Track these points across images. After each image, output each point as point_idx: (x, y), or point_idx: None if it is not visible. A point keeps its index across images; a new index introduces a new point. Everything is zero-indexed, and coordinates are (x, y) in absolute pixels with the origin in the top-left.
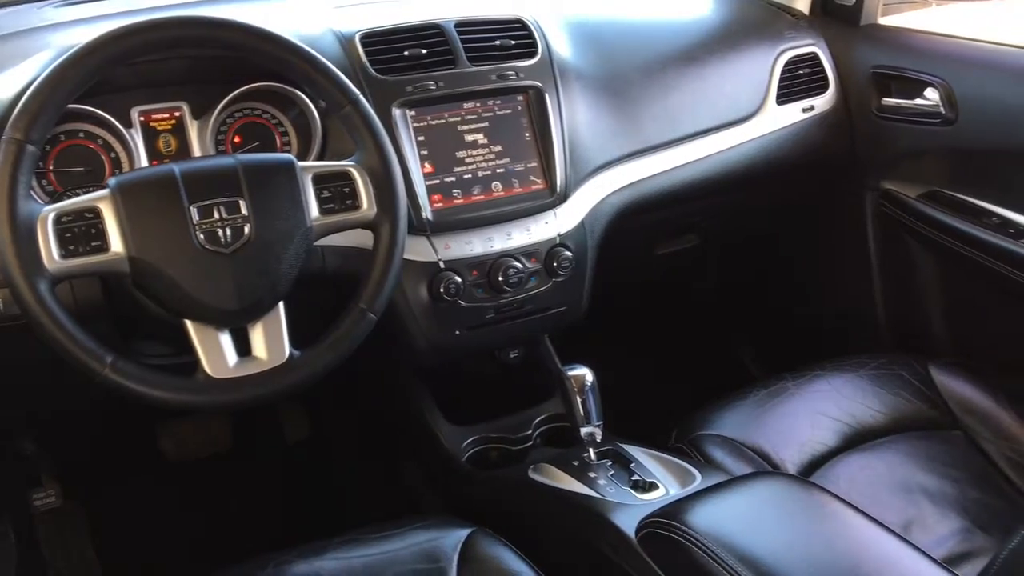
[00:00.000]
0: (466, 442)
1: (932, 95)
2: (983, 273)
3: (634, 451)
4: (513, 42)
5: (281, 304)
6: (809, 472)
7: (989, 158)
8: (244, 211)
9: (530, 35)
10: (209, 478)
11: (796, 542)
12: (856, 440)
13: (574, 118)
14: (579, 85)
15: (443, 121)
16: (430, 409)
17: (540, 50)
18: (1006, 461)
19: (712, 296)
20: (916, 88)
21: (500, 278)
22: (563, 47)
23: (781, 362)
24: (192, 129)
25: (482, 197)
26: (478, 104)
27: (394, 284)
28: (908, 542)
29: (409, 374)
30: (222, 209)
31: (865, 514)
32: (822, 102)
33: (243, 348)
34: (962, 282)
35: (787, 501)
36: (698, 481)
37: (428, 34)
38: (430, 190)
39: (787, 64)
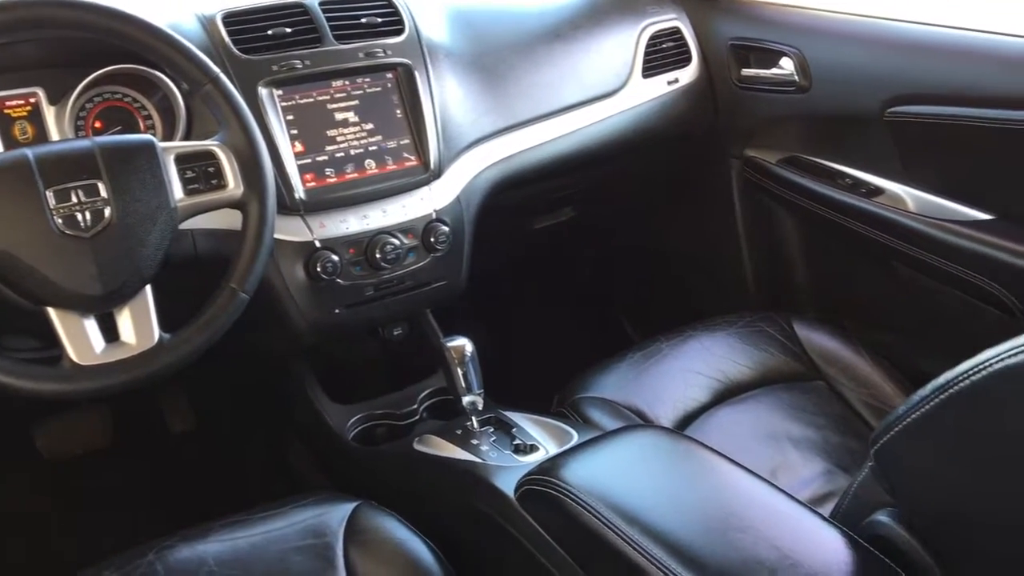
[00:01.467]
0: (351, 420)
1: (787, 64)
2: (840, 231)
3: (516, 417)
4: (380, 20)
5: (148, 288)
6: (683, 426)
7: (841, 122)
8: (104, 194)
9: (396, 13)
10: (90, 474)
11: (665, 488)
12: (726, 395)
13: (445, 95)
14: (448, 62)
15: (312, 100)
16: (314, 389)
17: (407, 27)
18: (863, 406)
19: (592, 266)
20: (772, 58)
21: (378, 255)
22: (431, 25)
23: (659, 326)
24: (49, 115)
25: (356, 175)
26: (347, 82)
27: (265, 262)
28: (774, 485)
29: (292, 356)
30: (80, 193)
31: (733, 461)
32: (686, 75)
33: (111, 334)
34: (821, 241)
35: (657, 451)
36: (575, 440)
37: (292, 12)
38: (302, 169)
39: (651, 39)
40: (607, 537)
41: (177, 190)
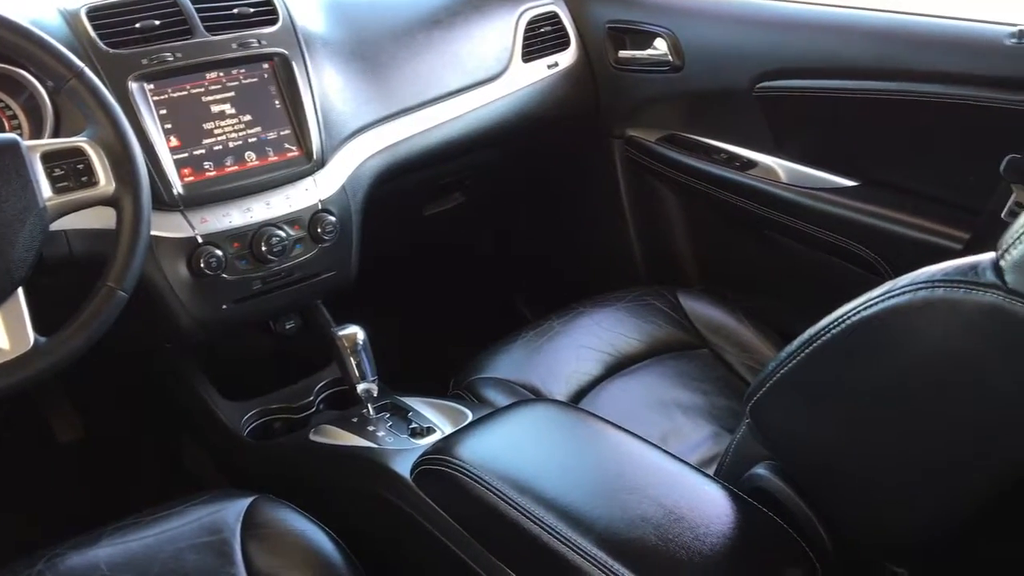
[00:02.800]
0: (246, 417)
1: (661, 45)
2: (718, 205)
3: (412, 401)
4: (252, 10)
5: (20, 290)
6: (577, 400)
7: (714, 99)
8: None
9: (269, 2)
10: None
11: (556, 458)
12: (617, 367)
13: (324, 84)
14: (326, 52)
15: (185, 93)
16: (205, 388)
17: (281, 17)
18: (746, 370)
19: (487, 249)
20: (647, 39)
21: (263, 248)
22: (306, 14)
23: (554, 305)
24: None
25: (236, 168)
26: (221, 74)
27: (142, 259)
28: (661, 449)
29: (180, 354)
30: None
31: (622, 429)
32: (565, 58)
33: None
34: (702, 215)
35: (548, 423)
36: (469, 419)
37: (160, 5)
38: (178, 164)
39: (529, 23)
40: (501, 509)
41: (45, 189)
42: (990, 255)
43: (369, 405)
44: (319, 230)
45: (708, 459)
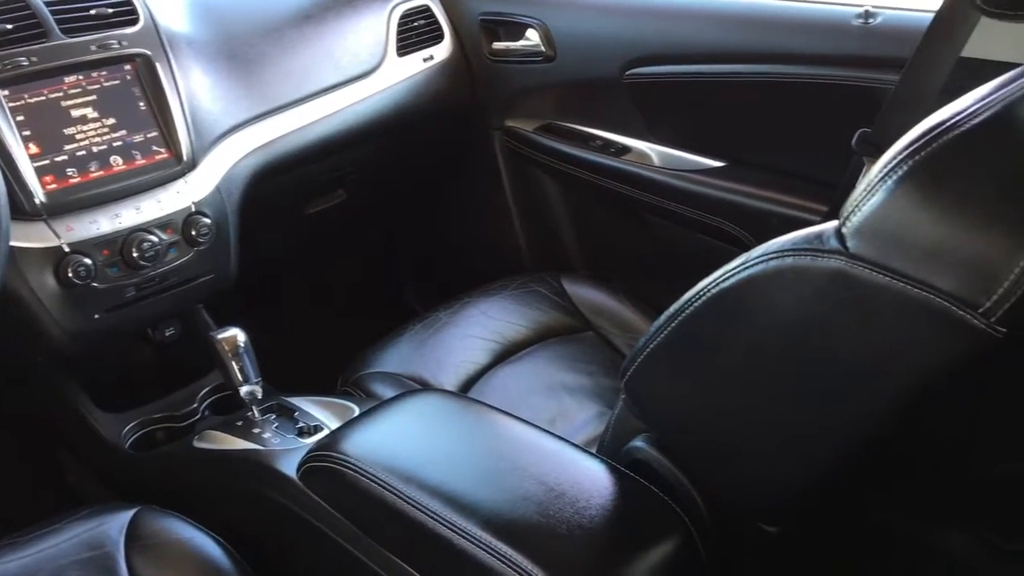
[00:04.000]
0: (127, 428)
1: (533, 36)
2: (597, 191)
3: (298, 401)
4: (111, 11)
5: None
6: (466, 389)
7: (587, 87)
8: None
9: (129, 2)
10: None
11: (441, 445)
12: (504, 354)
13: (191, 84)
14: (192, 51)
15: (43, 98)
16: (81, 400)
17: (142, 17)
18: (630, 349)
19: (375, 245)
20: (519, 31)
21: (135, 254)
22: (169, 14)
23: (443, 297)
24: None
25: (101, 173)
26: (81, 77)
27: (2, 271)
28: (545, 430)
29: (53, 368)
30: None
31: (507, 413)
32: (440, 51)
33: None
34: (582, 201)
35: (433, 412)
36: (355, 414)
37: (11, 8)
38: (39, 171)
39: (402, 17)
40: (386, 499)
41: None
42: (834, 223)
43: (254, 408)
44: (193, 233)
45: (594, 438)
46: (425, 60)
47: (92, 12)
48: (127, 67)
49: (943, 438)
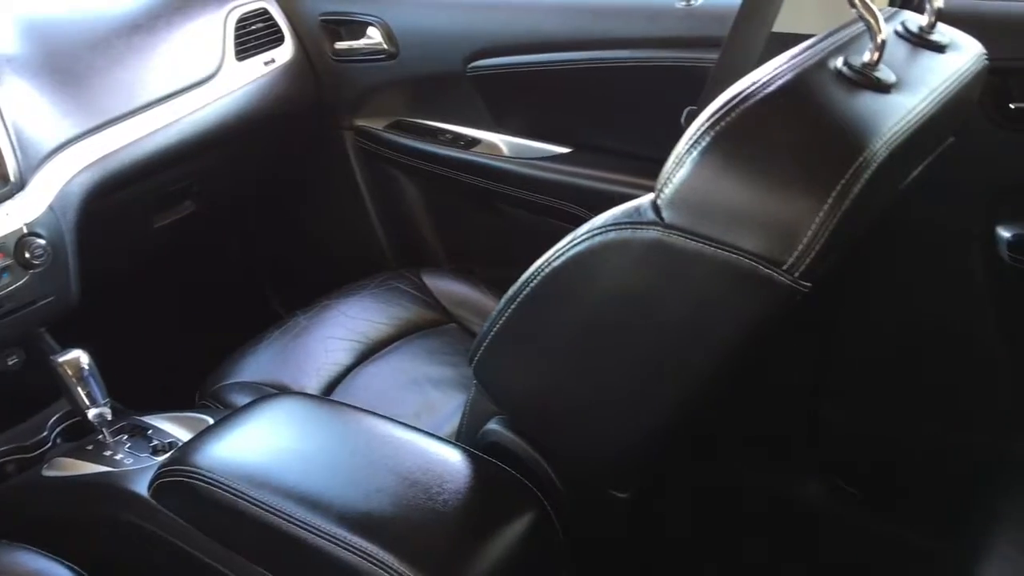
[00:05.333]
0: None
1: (375, 34)
2: (451, 184)
3: (152, 419)
4: None
5: None
6: (329, 392)
7: (432, 82)
8: None
9: None
10: None
11: (295, 448)
12: (368, 353)
13: (13, 103)
14: (12, 68)
15: None
16: None
17: None
18: None
19: (233, 254)
20: (360, 29)
21: None
22: None
23: (309, 301)
24: None
25: None
26: None
27: None
28: (406, 425)
29: None
30: None
31: (367, 411)
32: (281, 54)
33: None
34: (438, 196)
35: (286, 416)
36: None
37: None
38: None
39: (239, 21)
40: (239, 507)
41: None
42: (650, 196)
43: (105, 430)
44: (27, 255)
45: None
46: (266, 63)
47: None
48: None
49: (789, 388)
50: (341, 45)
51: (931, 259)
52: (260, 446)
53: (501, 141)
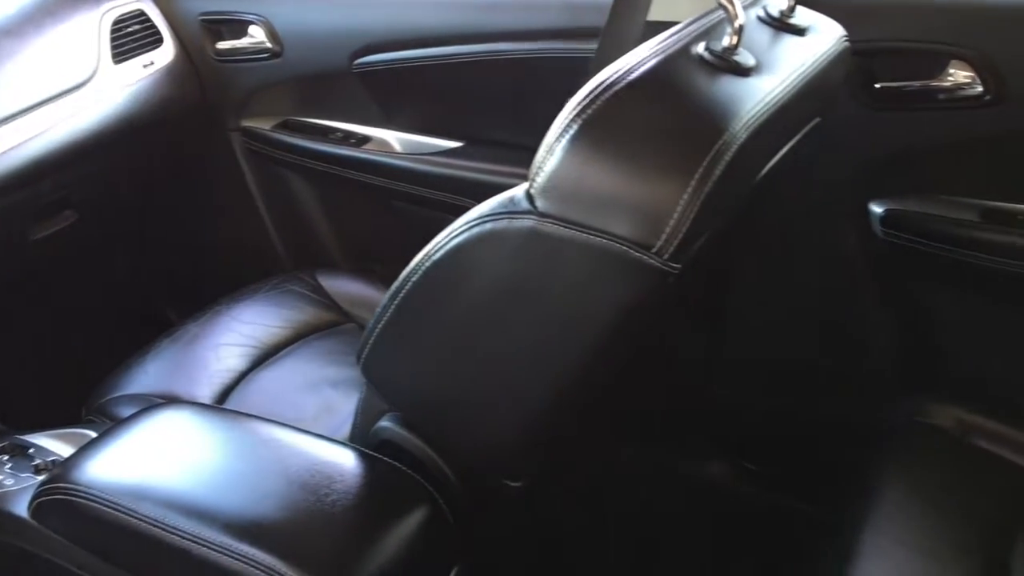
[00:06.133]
0: None
1: (257, 32)
2: (345, 183)
3: (34, 437)
4: None
5: None
6: (222, 399)
7: (319, 80)
8: None
9: None
10: None
11: (179, 458)
12: (262, 358)
13: None
14: None
15: None
16: None
17: None
18: None
19: (123, 262)
20: (242, 28)
21: None
22: None
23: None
24: None
25: None
26: None
27: None
28: (296, 428)
29: None
30: None
31: (258, 417)
32: (161, 56)
33: None
34: (332, 195)
35: (171, 426)
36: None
37: None
38: None
39: (114, 24)
40: (121, 521)
41: None
42: (525, 185)
43: None
44: None
45: None
46: (145, 66)
47: None
48: None
49: (683, 370)
50: (223, 45)
51: (811, 237)
52: (142, 458)
53: (392, 137)
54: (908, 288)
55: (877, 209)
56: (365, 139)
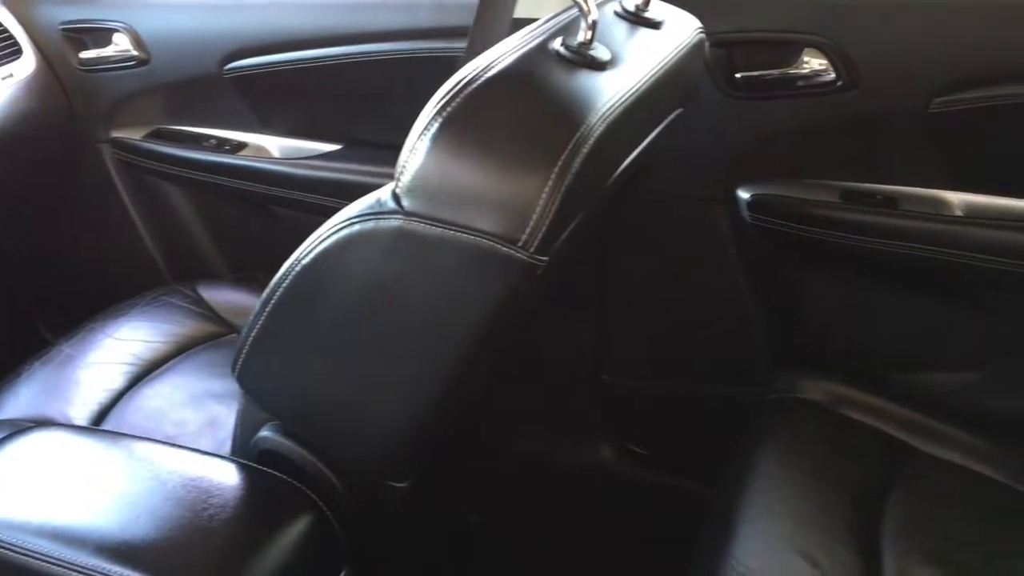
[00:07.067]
0: None
1: (122, 40)
2: (222, 191)
3: None
4: None
5: None
6: (100, 419)
7: (189, 87)
8: None
9: None
10: None
11: (47, 482)
12: (142, 375)
13: None
14: None
15: None
16: None
17: None
18: None
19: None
20: (106, 37)
21: None
22: None
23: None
24: None
25: None
26: None
27: None
28: (175, 445)
29: None
30: None
31: (133, 436)
32: (21, 67)
33: None
34: (211, 204)
35: (39, 451)
36: None
37: None
38: None
39: None
40: None
41: None
42: (391, 185)
43: None
44: None
45: None
46: (4, 79)
47: None
48: None
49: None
50: (87, 54)
51: (685, 224)
52: (8, 485)
53: (269, 142)
54: (778, 270)
55: (744, 195)
56: (241, 145)
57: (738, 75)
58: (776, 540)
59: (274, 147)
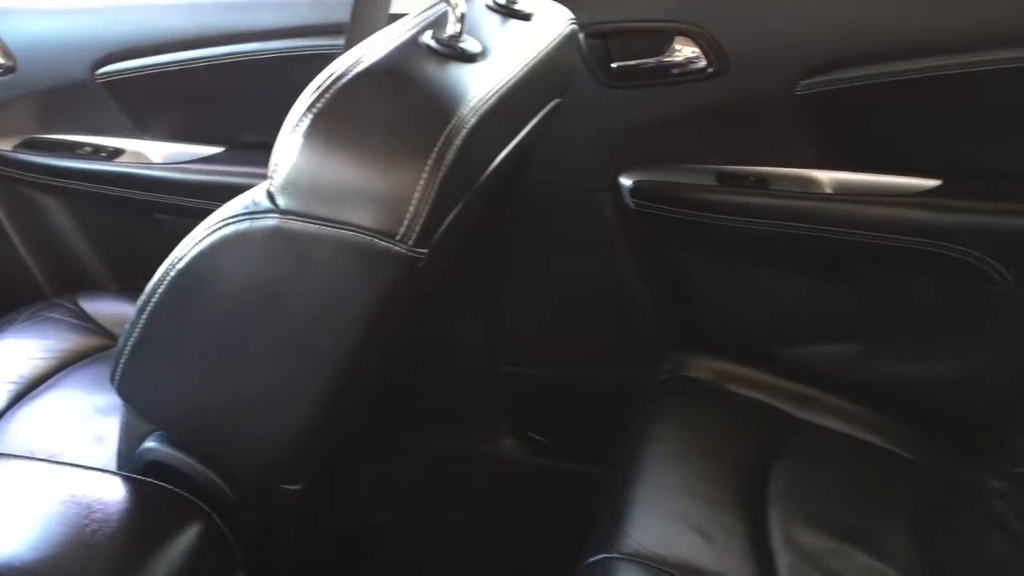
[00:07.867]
0: None
1: None
2: (101, 200)
3: None
4: None
5: None
6: None
7: (59, 94)
8: None
9: None
10: None
11: None
12: (22, 393)
13: None
14: None
15: None
16: None
17: None
18: None
19: None
20: None
21: None
22: None
23: None
24: None
25: None
26: None
27: None
28: (55, 462)
29: None
30: None
31: (10, 455)
32: None
33: None
34: (90, 214)
35: None
36: None
37: None
38: None
39: None
40: None
41: None
42: (266, 184)
43: None
44: None
45: None
46: None
47: None
48: None
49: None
50: None
51: (573, 212)
52: None
53: (148, 148)
54: (662, 253)
55: (626, 182)
56: (118, 152)
57: (614, 65)
58: (668, 515)
59: (153, 152)
